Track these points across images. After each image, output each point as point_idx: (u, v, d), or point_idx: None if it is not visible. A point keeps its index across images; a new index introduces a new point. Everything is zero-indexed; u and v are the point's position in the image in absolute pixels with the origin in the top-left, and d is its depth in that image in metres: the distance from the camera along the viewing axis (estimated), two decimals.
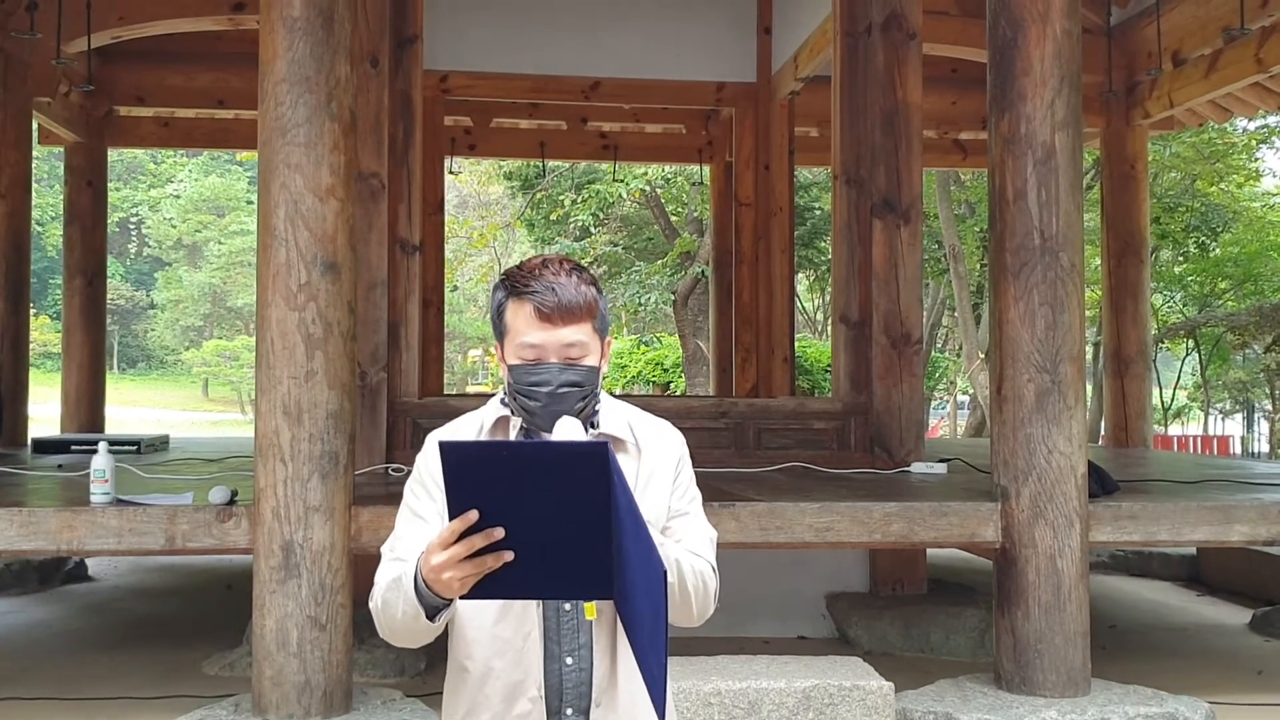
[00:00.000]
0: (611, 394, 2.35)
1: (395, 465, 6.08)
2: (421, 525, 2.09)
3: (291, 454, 4.37)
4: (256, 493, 4.42)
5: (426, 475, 2.14)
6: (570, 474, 1.75)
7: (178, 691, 5.27)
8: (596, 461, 1.75)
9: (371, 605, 2.08)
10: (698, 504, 2.22)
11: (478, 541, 1.77)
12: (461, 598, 1.86)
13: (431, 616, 1.94)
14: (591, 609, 2.08)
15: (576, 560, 1.80)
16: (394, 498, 4.85)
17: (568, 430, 2.05)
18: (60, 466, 6.34)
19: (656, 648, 1.85)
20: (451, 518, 1.78)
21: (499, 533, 1.77)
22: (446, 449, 1.76)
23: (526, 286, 2.09)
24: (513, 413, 2.16)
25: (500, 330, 2.15)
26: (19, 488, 5.42)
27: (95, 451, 4.70)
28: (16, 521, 4.41)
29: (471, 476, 1.76)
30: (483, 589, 1.83)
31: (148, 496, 4.70)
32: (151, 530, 4.44)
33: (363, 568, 4.62)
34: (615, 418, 2.20)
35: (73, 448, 7.39)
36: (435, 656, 5.65)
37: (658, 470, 2.17)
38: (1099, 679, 4.80)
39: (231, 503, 4.54)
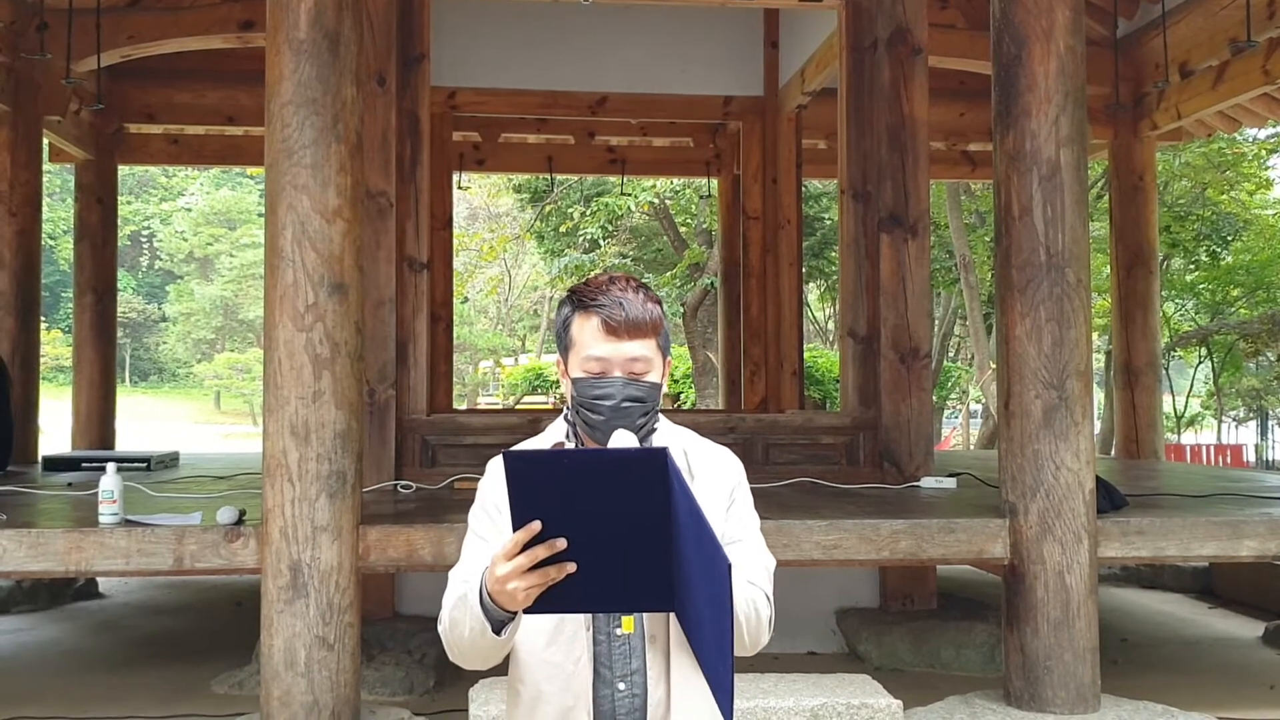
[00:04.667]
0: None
1: (404, 483, 6.08)
2: (485, 547, 2.09)
3: (299, 474, 4.38)
4: (264, 513, 4.43)
5: (488, 499, 2.15)
6: (630, 481, 1.75)
7: (186, 711, 5.28)
8: (656, 467, 1.75)
9: (440, 629, 2.09)
10: (754, 530, 2.19)
11: (541, 552, 1.78)
12: (525, 611, 1.87)
13: (498, 631, 1.94)
14: (629, 622, 2.08)
15: (638, 571, 1.80)
16: (403, 515, 4.89)
17: (622, 442, 2.05)
18: (70, 485, 6.35)
19: (724, 651, 1.83)
20: (515, 528, 1.79)
21: (561, 543, 1.78)
22: (510, 459, 1.77)
23: (594, 300, 2.11)
24: (575, 428, 2.17)
25: (565, 344, 2.16)
26: (29, 507, 5.43)
27: (105, 469, 4.72)
28: (25, 542, 4.42)
29: (534, 486, 1.78)
30: (546, 602, 1.84)
31: (156, 517, 4.71)
32: (159, 551, 4.46)
33: (371, 587, 4.65)
34: (671, 442, 2.18)
35: (83, 465, 7.40)
36: (444, 674, 5.65)
37: (710, 498, 2.14)
38: (1109, 695, 4.79)
39: (239, 523, 4.56)
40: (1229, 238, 18.38)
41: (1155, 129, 9.56)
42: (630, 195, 16.95)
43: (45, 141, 9.06)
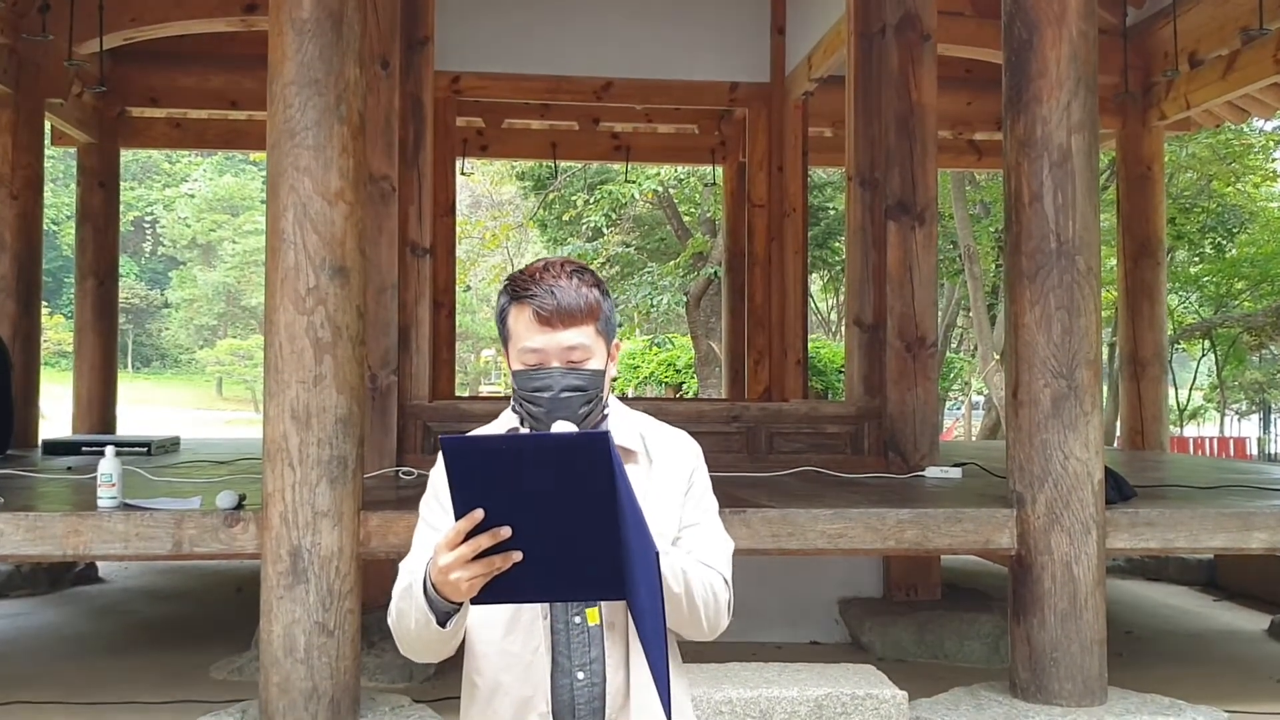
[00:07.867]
0: (624, 397, 2.30)
1: (406, 469, 6.05)
2: (436, 536, 2.04)
3: (300, 459, 4.34)
4: (264, 498, 4.39)
5: (440, 487, 2.10)
6: (572, 466, 1.71)
7: (185, 696, 5.25)
8: (597, 451, 1.70)
9: (390, 620, 2.06)
10: (712, 514, 2.16)
11: (484, 541, 1.73)
12: (473, 602, 1.82)
13: (443, 622, 1.90)
14: (594, 613, 2.04)
15: (586, 558, 1.76)
16: (404, 501, 4.84)
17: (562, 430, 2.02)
18: (70, 468, 6.32)
19: (659, 638, 1.80)
20: (457, 516, 1.74)
21: (505, 531, 1.73)
22: (448, 446, 1.71)
23: (526, 290, 2.06)
24: (521, 420, 2.13)
25: (504, 336, 2.12)
26: (28, 490, 5.40)
27: (104, 453, 4.68)
28: (23, 526, 4.38)
29: (475, 474, 1.72)
30: (494, 592, 1.79)
31: (155, 501, 4.67)
32: (158, 535, 4.42)
33: (372, 573, 4.60)
34: (626, 427, 2.15)
35: (83, 449, 7.38)
36: (445, 662, 5.59)
37: (668, 482, 2.12)
38: (1115, 687, 4.75)
39: (239, 507, 4.52)
40: (1234, 230, 18.34)
41: (1164, 119, 9.51)
42: (634, 183, 16.89)
43: (47, 124, 9.02)
